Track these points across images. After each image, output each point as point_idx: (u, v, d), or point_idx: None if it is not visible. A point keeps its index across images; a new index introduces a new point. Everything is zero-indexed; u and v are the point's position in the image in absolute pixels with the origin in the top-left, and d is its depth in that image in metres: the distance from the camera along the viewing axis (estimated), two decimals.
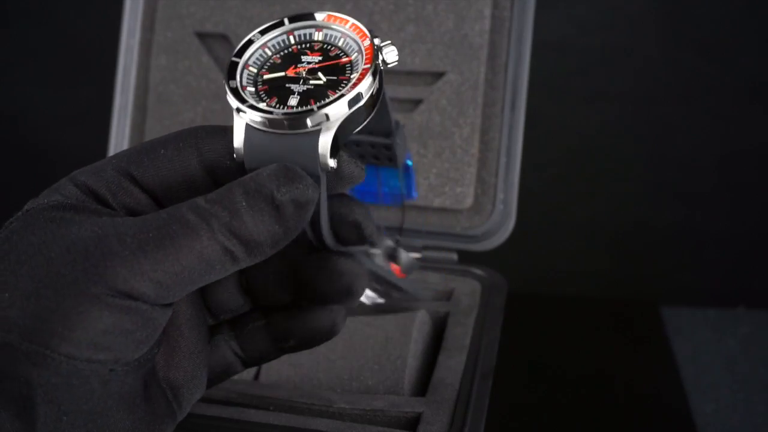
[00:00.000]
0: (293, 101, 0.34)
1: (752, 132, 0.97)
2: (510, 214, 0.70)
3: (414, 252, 0.71)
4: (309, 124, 0.33)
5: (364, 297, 0.67)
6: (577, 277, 1.02)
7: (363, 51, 0.35)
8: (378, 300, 0.67)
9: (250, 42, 0.36)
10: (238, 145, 0.34)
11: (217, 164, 0.35)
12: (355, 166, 0.35)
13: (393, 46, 0.35)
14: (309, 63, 0.36)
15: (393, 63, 0.35)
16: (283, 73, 0.35)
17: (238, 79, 0.35)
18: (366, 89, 0.34)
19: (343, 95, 0.33)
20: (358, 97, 0.34)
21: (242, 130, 0.34)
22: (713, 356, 0.87)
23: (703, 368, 0.85)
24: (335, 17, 0.37)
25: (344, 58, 0.36)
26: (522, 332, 0.77)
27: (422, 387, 0.57)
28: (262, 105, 0.34)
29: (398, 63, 0.71)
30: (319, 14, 0.37)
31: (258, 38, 0.37)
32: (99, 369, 0.31)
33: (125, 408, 0.32)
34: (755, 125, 0.97)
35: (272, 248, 0.32)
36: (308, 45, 0.37)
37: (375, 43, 0.35)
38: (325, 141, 0.33)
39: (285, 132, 0.33)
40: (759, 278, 1.01)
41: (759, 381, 0.83)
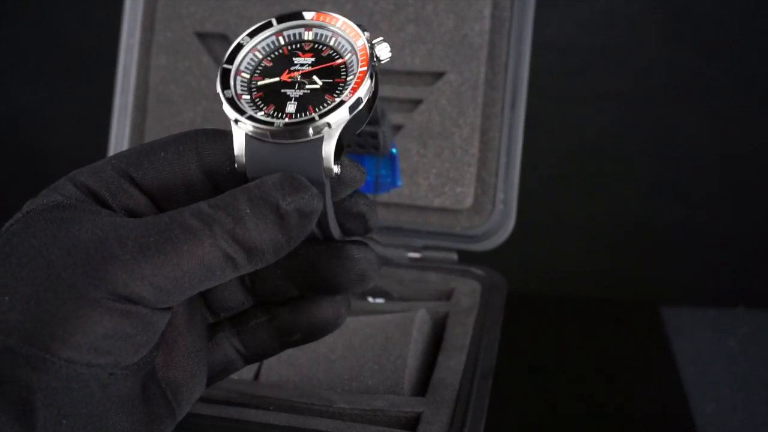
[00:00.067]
0: (291, 108, 0.34)
1: (752, 132, 0.97)
2: (510, 214, 0.70)
3: (414, 252, 0.71)
4: (311, 133, 0.33)
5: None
6: (577, 277, 1.02)
7: (357, 51, 0.35)
8: (378, 300, 0.67)
9: (240, 46, 0.36)
10: (239, 155, 0.33)
11: (217, 169, 0.34)
12: (357, 170, 0.35)
13: (385, 42, 0.35)
14: (302, 65, 0.35)
15: (386, 59, 0.35)
16: (278, 79, 0.35)
17: (233, 88, 0.35)
18: (365, 93, 0.34)
19: (344, 101, 0.33)
20: (359, 102, 0.33)
21: (242, 140, 0.33)
22: (713, 356, 0.87)
23: (703, 368, 0.85)
24: (325, 15, 0.36)
25: (338, 60, 0.35)
26: (522, 332, 0.77)
27: (422, 387, 0.57)
28: (261, 114, 0.33)
29: (398, 63, 0.72)
30: (308, 13, 0.36)
31: (247, 42, 0.36)
32: (99, 373, 0.31)
33: (124, 410, 0.32)
34: (755, 125, 0.97)
35: (273, 256, 0.32)
36: (299, 45, 0.36)
37: (368, 42, 0.35)
38: (329, 148, 0.33)
39: (287, 142, 0.33)
40: (759, 278, 1.01)
41: (759, 381, 0.83)
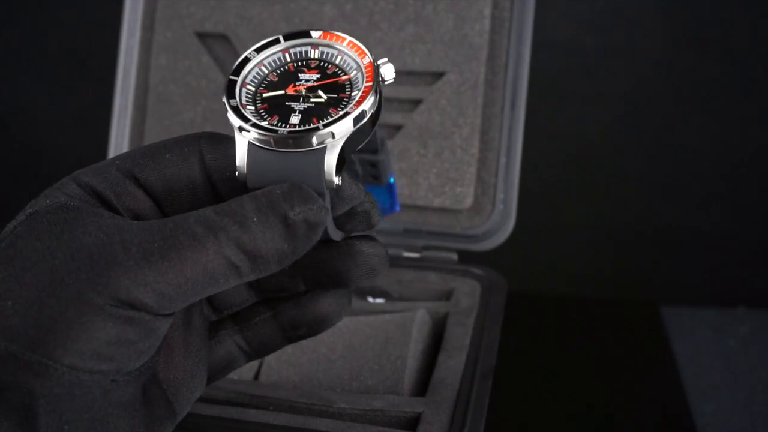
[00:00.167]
0: (295, 119, 0.34)
1: (752, 132, 0.97)
2: (510, 214, 0.70)
3: (414, 252, 0.71)
4: (314, 143, 0.33)
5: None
6: (577, 277, 1.02)
7: (363, 68, 0.35)
8: (378, 300, 0.67)
9: (247, 60, 0.36)
10: (241, 164, 0.34)
11: (218, 174, 0.35)
12: (356, 187, 0.36)
13: (390, 63, 0.36)
14: (307, 81, 0.36)
15: (390, 80, 0.36)
16: (283, 91, 0.35)
17: (238, 98, 0.35)
18: (370, 107, 0.34)
19: (348, 113, 0.33)
20: (363, 115, 0.34)
21: (244, 149, 0.34)
22: (713, 356, 0.87)
23: (703, 368, 0.85)
24: (332, 35, 0.37)
25: (343, 76, 0.36)
26: (522, 332, 0.77)
27: (422, 387, 0.57)
28: (265, 123, 0.34)
29: (398, 63, 0.72)
30: (315, 32, 0.37)
31: (254, 56, 0.36)
32: (101, 379, 0.31)
33: (125, 414, 0.32)
34: (755, 125, 0.97)
35: (278, 266, 0.32)
36: (305, 63, 0.36)
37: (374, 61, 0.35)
38: (331, 159, 0.33)
39: (290, 150, 0.33)
40: (759, 278, 1.01)
41: (759, 381, 0.83)
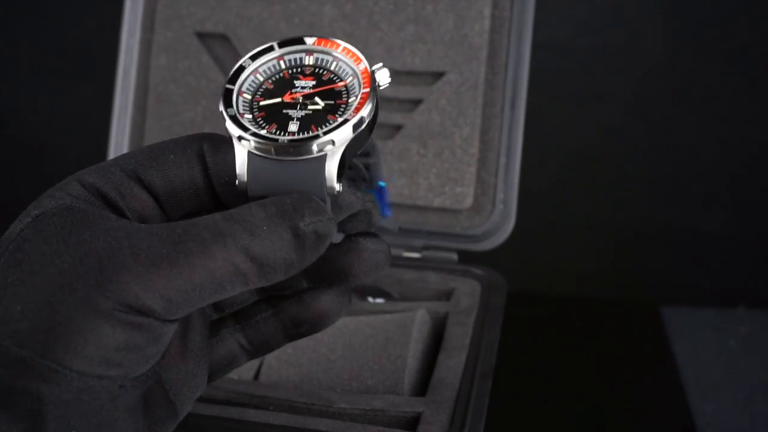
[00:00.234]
0: (293, 127, 0.34)
1: (752, 132, 0.97)
2: (510, 214, 0.70)
3: (414, 252, 0.71)
4: (315, 150, 0.33)
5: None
6: (577, 277, 1.02)
7: (359, 75, 0.35)
8: (378, 300, 0.67)
9: (242, 68, 0.36)
10: (241, 173, 0.34)
11: (218, 179, 0.35)
12: (354, 197, 0.36)
13: (385, 68, 0.36)
14: (303, 88, 0.36)
15: (385, 85, 0.36)
16: (280, 99, 0.35)
17: (235, 107, 0.35)
18: (368, 113, 0.34)
19: (348, 120, 0.34)
20: (362, 121, 0.34)
21: (244, 158, 0.34)
22: (713, 356, 0.87)
23: (703, 368, 0.85)
24: (326, 41, 0.37)
25: (339, 83, 0.36)
26: (522, 332, 0.77)
27: (422, 387, 0.57)
28: (264, 132, 0.34)
29: (398, 63, 0.72)
30: (309, 38, 0.37)
31: (249, 64, 0.36)
32: (109, 385, 0.31)
33: (130, 418, 0.32)
34: (755, 125, 0.97)
35: (284, 275, 0.32)
36: (300, 69, 0.36)
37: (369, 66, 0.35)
38: (332, 166, 0.33)
39: (290, 159, 0.33)
40: (759, 278, 1.01)
41: (759, 381, 0.83)
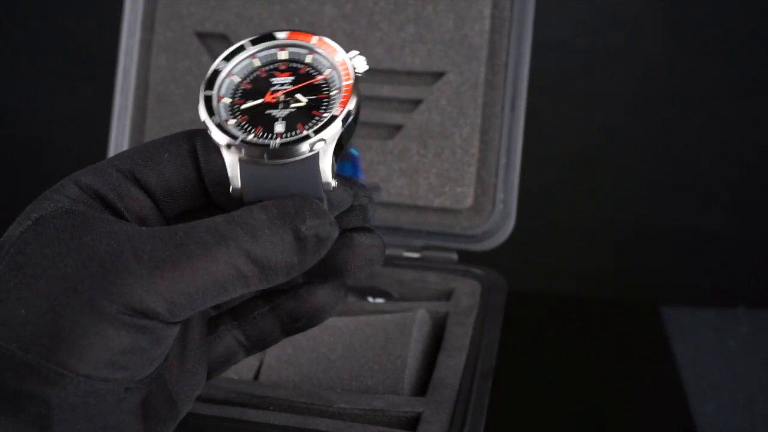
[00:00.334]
0: (279, 127, 0.34)
1: (752, 132, 0.97)
2: (510, 214, 0.70)
3: (414, 252, 0.71)
4: (307, 150, 0.33)
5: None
6: (577, 277, 1.02)
7: (337, 66, 0.35)
8: (378, 300, 0.67)
9: (217, 72, 0.36)
10: (234, 181, 0.33)
11: (210, 178, 0.35)
12: (346, 194, 0.36)
13: (360, 56, 0.35)
14: (282, 84, 0.35)
15: (364, 71, 0.35)
16: (261, 100, 0.35)
17: (218, 113, 0.34)
18: (354, 106, 0.34)
19: (336, 116, 0.33)
20: (349, 114, 0.34)
21: (236, 165, 0.33)
22: (713, 356, 0.87)
23: (703, 368, 0.85)
24: (298, 34, 0.36)
25: (318, 76, 0.35)
26: (522, 332, 0.77)
27: (422, 387, 0.57)
28: (252, 137, 0.33)
29: (398, 63, 0.71)
30: (281, 33, 0.36)
31: (223, 66, 0.36)
32: (115, 387, 0.31)
33: (134, 419, 0.32)
34: (755, 125, 0.97)
35: (285, 277, 0.32)
36: (275, 65, 0.36)
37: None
38: (325, 163, 0.33)
39: (283, 161, 0.33)
40: (759, 278, 1.01)
41: (759, 381, 0.83)
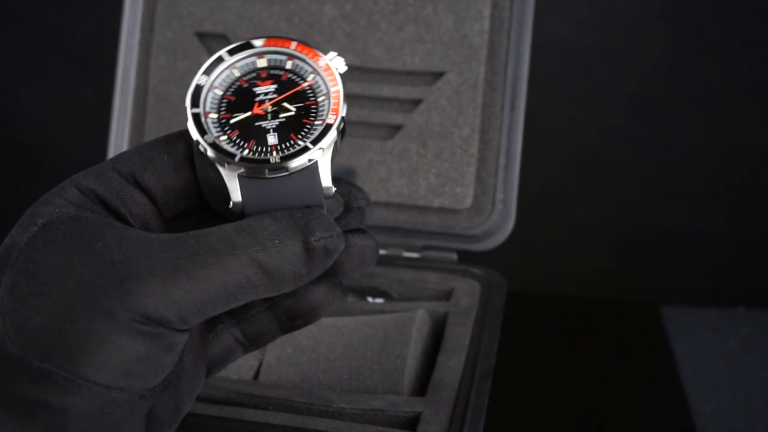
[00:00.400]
0: (272, 139, 0.34)
1: (752, 132, 0.97)
2: (509, 214, 0.70)
3: (414, 252, 0.71)
4: (306, 161, 0.33)
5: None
6: (577, 277, 1.02)
7: (320, 71, 0.35)
8: (378, 300, 0.67)
9: (199, 87, 0.35)
10: (235, 197, 0.33)
11: (205, 182, 0.35)
12: (338, 203, 0.36)
13: (339, 57, 0.35)
14: (266, 94, 0.35)
15: (344, 71, 0.35)
16: (250, 113, 0.35)
17: (209, 131, 0.34)
18: (345, 111, 0.34)
19: (330, 124, 0.34)
20: (342, 121, 0.34)
21: (235, 182, 0.33)
22: (713, 356, 0.87)
23: (703, 368, 0.85)
24: (276, 40, 0.36)
25: (302, 83, 0.35)
26: (522, 332, 0.77)
27: (422, 387, 0.57)
28: (247, 153, 0.33)
29: (398, 63, 0.72)
30: (258, 40, 0.36)
31: (205, 80, 0.35)
32: (131, 396, 0.31)
33: (144, 424, 0.33)
34: (755, 125, 0.97)
35: (293, 286, 0.33)
36: (255, 74, 0.36)
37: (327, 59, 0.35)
38: (325, 171, 0.34)
39: (283, 174, 0.33)
40: (759, 278, 1.01)
41: (759, 381, 0.83)
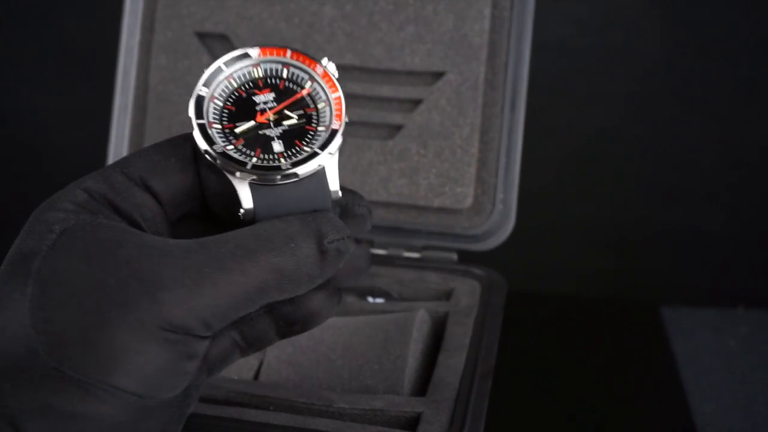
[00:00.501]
0: (278, 147, 0.34)
1: (752, 132, 0.97)
2: (510, 214, 0.70)
3: (414, 252, 0.71)
4: (316, 166, 0.34)
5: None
6: (577, 277, 1.02)
7: (319, 78, 0.36)
8: (378, 300, 0.68)
9: (201, 98, 0.36)
10: (246, 204, 0.34)
11: (207, 185, 0.35)
12: (336, 209, 0.36)
13: (331, 63, 0.36)
14: (266, 103, 0.36)
15: (337, 77, 0.36)
16: (253, 122, 0.35)
17: (217, 141, 0.35)
18: (347, 116, 0.35)
19: (336, 130, 0.34)
20: (346, 125, 0.35)
21: (247, 190, 0.34)
22: (713, 356, 0.87)
23: (703, 368, 0.85)
24: (271, 49, 0.37)
25: (302, 91, 0.36)
26: (522, 332, 0.77)
27: (422, 387, 0.57)
28: (256, 161, 0.34)
29: (398, 63, 0.72)
30: (253, 50, 0.37)
31: (205, 92, 0.36)
32: (161, 404, 0.32)
33: (162, 429, 0.33)
34: (755, 125, 0.97)
35: (307, 288, 0.34)
36: (252, 84, 0.36)
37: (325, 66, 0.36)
38: (333, 175, 0.34)
39: (293, 181, 0.34)
40: (759, 278, 1.01)
41: (759, 381, 0.83)
